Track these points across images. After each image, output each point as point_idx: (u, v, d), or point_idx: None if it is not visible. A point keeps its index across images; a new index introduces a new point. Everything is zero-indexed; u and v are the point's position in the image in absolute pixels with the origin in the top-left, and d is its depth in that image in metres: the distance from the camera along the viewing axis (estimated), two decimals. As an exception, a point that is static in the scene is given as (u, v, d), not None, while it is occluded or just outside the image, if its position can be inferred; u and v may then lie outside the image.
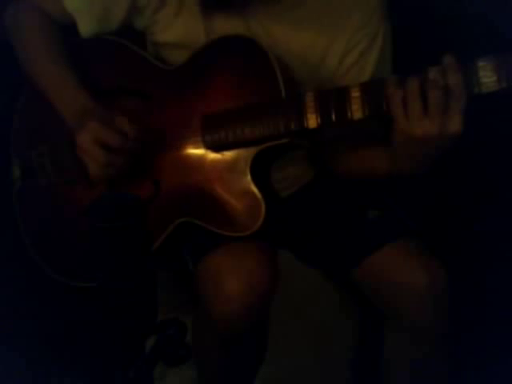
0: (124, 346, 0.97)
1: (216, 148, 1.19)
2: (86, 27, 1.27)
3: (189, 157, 1.21)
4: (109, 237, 0.87)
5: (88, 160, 1.16)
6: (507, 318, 1.55)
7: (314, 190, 1.39)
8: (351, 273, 1.30)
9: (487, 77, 1.03)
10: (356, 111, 1.10)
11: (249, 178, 1.17)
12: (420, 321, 1.23)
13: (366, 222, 1.31)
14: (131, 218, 0.87)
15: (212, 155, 1.20)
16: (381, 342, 1.33)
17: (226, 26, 1.22)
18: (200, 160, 1.21)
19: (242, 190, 1.17)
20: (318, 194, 1.38)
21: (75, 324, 1.54)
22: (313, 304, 1.48)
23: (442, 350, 1.28)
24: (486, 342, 1.55)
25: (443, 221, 1.66)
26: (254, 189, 1.16)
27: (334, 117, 1.12)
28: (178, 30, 1.25)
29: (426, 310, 1.21)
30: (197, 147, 1.21)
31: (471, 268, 1.55)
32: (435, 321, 1.23)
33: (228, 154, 1.19)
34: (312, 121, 1.13)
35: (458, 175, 1.58)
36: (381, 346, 1.33)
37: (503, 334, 1.55)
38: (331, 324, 1.50)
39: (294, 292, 1.43)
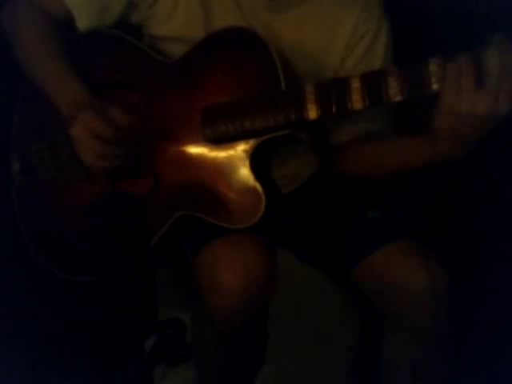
0: (124, 345, 0.97)
1: (216, 141, 1.19)
2: (83, 22, 1.28)
3: (189, 150, 1.21)
4: (109, 236, 0.87)
5: (83, 151, 1.16)
6: (507, 318, 1.55)
7: (313, 190, 1.39)
8: (351, 273, 1.30)
9: None
10: (356, 102, 1.11)
11: (249, 170, 1.17)
12: (420, 321, 1.23)
13: (366, 222, 1.31)
14: (131, 218, 0.87)
15: (212, 148, 1.20)
16: (381, 342, 1.32)
17: (226, 20, 1.22)
18: (200, 153, 1.21)
19: (242, 183, 1.17)
20: (318, 193, 1.38)
21: (75, 324, 1.54)
22: (313, 304, 1.48)
23: (442, 350, 1.28)
24: (486, 342, 1.55)
25: (443, 221, 1.65)
26: (254, 181, 1.16)
27: (334, 108, 1.12)
28: (177, 24, 1.25)
29: (426, 310, 1.21)
30: (197, 140, 1.21)
31: (471, 268, 1.55)
32: (435, 321, 1.23)
33: (228, 147, 1.19)
34: (312, 112, 1.13)
35: (457, 175, 1.58)
36: (381, 346, 1.33)
37: (503, 334, 1.55)
38: (331, 324, 1.50)
39: (294, 292, 1.43)
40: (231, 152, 1.18)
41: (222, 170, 1.19)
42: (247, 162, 1.17)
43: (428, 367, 1.29)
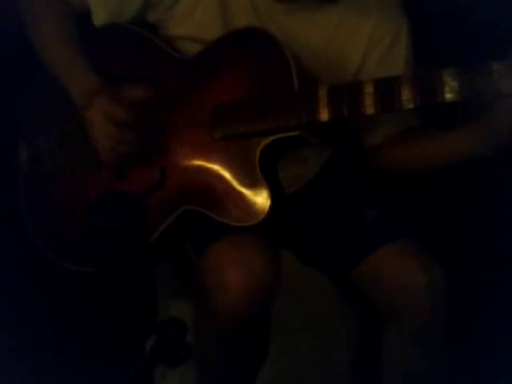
0: (124, 346, 0.97)
1: (226, 138, 1.19)
2: (100, 17, 1.29)
3: (197, 146, 1.22)
4: (109, 236, 0.87)
5: (98, 135, 1.17)
6: (507, 318, 1.55)
7: (313, 191, 1.39)
8: (351, 273, 1.30)
9: None
10: (369, 107, 1.11)
11: (257, 169, 1.16)
12: (419, 321, 1.23)
13: (366, 223, 1.31)
14: (131, 218, 0.87)
15: (221, 145, 1.20)
16: (381, 342, 1.33)
17: (243, 21, 1.22)
18: (208, 149, 1.21)
19: (250, 181, 1.17)
20: (318, 194, 1.38)
21: (75, 324, 1.55)
22: (313, 304, 1.48)
23: (441, 350, 1.28)
24: (486, 342, 1.55)
25: (443, 221, 1.65)
26: (262, 180, 1.16)
27: (346, 111, 1.12)
28: (194, 25, 1.26)
29: (426, 310, 1.21)
30: (206, 137, 1.20)
31: (471, 268, 1.55)
32: (435, 321, 1.23)
33: (237, 145, 1.19)
34: (324, 114, 1.13)
35: (457, 175, 1.58)
36: (381, 345, 1.33)
37: (503, 335, 1.55)
38: (332, 324, 1.50)
39: (294, 292, 1.43)
40: (240, 150, 1.18)
41: (229, 168, 1.19)
42: (255, 161, 1.17)
43: (428, 367, 1.29)
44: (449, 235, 1.61)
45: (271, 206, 1.15)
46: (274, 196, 1.16)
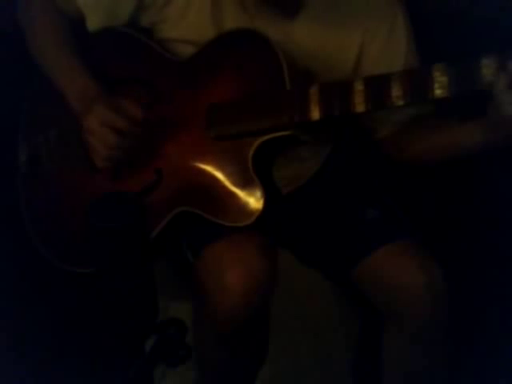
0: (124, 346, 0.97)
1: (219, 138, 1.20)
2: (93, 22, 1.29)
3: (192, 146, 1.22)
4: (109, 237, 0.87)
5: (96, 142, 1.17)
6: (507, 317, 1.55)
7: (313, 190, 1.39)
8: (351, 273, 1.30)
9: None
10: (359, 104, 1.11)
11: (250, 169, 1.17)
12: (419, 321, 1.23)
13: (365, 222, 1.31)
14: (131, 218, 0.87)
15: (215, 145, 1.20)
16: (380, 342, 1.32)
17: (235, 23, 1.23)
18: (203, 150, 1.21)
19: (243, 181, 1.17)
20: (317, 194, 1.38)
21: (75, 324, 1.55)
22: (313, 304, 1.48)
23: (441, 350, 1.28)
24: (487, 341, 1.55)
25: (443, 221, 1.65)
26: (255, 180, 1.17)
27: (336, 109, 1.13)
28: (187, 28, 1.26)
29: (426, 310, 1.21)
30: (201, 137, 1.21)
31: (471, 268, 1.55)
32: (434, 321, 1.23)
33: (231, 145, 1.19)
34: (315, 113, 1.13)
35: (457, 175, 1.58)
36: (380, 345, 1.33)
37: (504, 335, 1.55)
38: (331, 324, 1.50)
39: (294, 292, 1.43)
40: (234, 150, 1.19)
41: (224, 168, 1.19)
42: (249, 161, 1.17)
43: (428, 367, 1.29)
44: (449, 235, 1.61)
45: (264, 206, 1.16)
46: (267, 196, 1.16)
